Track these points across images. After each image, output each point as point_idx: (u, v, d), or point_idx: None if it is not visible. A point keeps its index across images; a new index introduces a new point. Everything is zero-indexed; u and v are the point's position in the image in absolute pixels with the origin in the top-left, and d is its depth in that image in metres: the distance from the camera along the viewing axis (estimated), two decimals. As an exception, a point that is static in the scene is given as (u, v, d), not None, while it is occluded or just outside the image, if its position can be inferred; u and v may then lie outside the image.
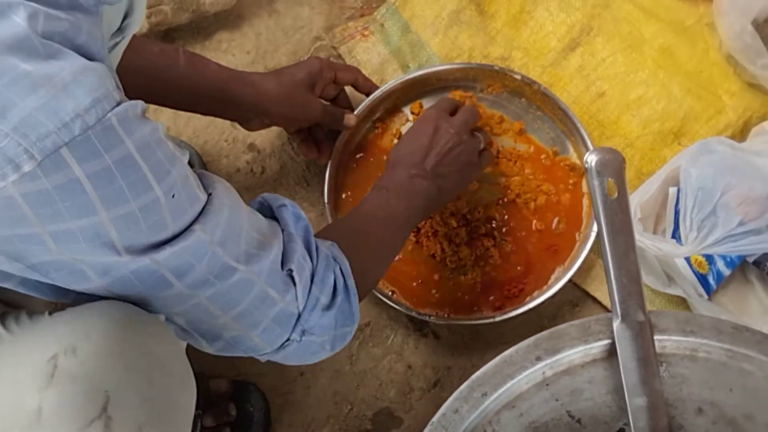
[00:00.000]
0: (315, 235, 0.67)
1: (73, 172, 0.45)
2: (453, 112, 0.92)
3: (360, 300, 0.69)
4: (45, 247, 0.48)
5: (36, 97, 0.43)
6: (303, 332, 0.63)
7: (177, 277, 0.54)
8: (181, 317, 0.58)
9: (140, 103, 0.50)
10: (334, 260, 0.67)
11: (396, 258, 0.87)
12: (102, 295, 0.54)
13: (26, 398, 0.48)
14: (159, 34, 1.06)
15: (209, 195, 0.57)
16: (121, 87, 0.50)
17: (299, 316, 0.63)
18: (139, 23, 0.56)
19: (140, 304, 0.56)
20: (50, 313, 0.56)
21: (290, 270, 0.62)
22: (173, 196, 0.51)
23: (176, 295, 0.55)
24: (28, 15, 0.44)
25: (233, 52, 1.08)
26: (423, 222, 0.94)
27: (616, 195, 0.66)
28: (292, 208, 0.67)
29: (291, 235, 0.64)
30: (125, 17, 0.57)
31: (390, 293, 0.96)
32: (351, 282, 0.67)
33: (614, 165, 0.67)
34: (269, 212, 0.67)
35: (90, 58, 0.47)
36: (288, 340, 0.63)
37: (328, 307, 0.64)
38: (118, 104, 0.47)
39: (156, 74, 0.82)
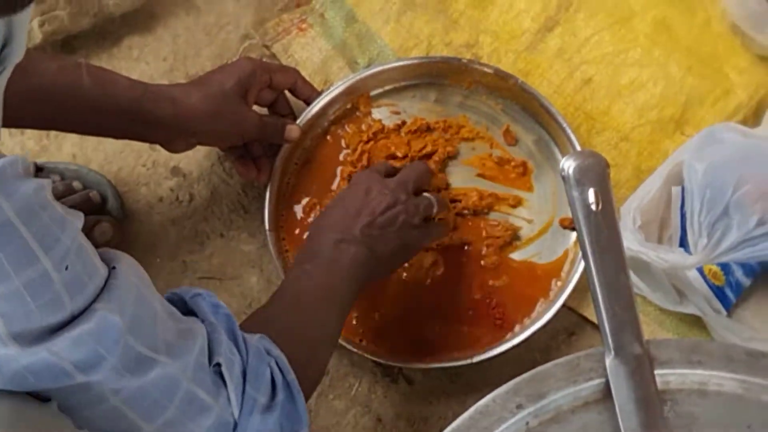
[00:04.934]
0: None
1: None
2: (392, 175, 0.94)
3: (306, 398, 0.69)
4: None
5: None
6: None
7: (82, 372, 0.53)
8: (92, 426, 0.57)
9: (21, 159, 0.50)
10: (267, 353, 0.68)
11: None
12: None
13: None
14: (57, 44, 1.07)
15: (112, 269, 0.57)
16: None
17: (236, 425, 0.62)
18: (21, 53, 0.55)
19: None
20: None
21: (218, 365, 0.62)
22: (66, 267, 0.51)
23: (82, 397, 0.55)
24: None
25: (147, 60, 1.09)
26: None
27: (600, 206, 0.67)
28: (208, 297, 0.68)
29: (213, 325, 0.65)
30: (3, 47, 0.55)
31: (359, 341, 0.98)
32: (291, 377, 0.67)
33: (596, 171, 0.68)
34: (182, 307, 0.68)
35: None
36: None
37: (269, 408, 0.64)
38: None
39: (55, 97, 0.82)
